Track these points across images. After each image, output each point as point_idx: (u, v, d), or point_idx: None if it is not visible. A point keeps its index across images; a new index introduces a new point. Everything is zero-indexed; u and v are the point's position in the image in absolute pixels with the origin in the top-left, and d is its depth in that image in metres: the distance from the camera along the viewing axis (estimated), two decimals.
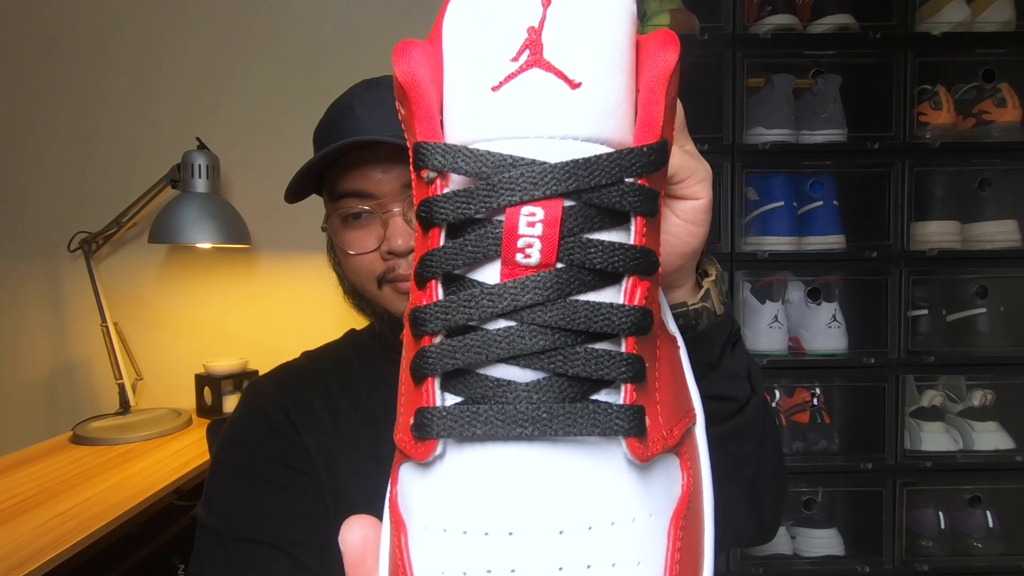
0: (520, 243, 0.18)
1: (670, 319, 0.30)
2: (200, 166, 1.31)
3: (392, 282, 0.58)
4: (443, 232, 0.20)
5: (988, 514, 1.26)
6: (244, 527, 0.53)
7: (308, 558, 0.52)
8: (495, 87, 0.19)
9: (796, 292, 1.31)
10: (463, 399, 0.19)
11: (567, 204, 0.18)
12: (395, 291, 0.58)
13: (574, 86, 0.19)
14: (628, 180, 0.19)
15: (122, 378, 1.35)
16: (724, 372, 0.45)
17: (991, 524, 1.25)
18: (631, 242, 0.19)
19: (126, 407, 1.36)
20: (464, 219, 0.19)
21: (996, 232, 1.26)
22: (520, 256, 0.18)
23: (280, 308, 1.49)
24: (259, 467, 0.56)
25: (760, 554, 1.28)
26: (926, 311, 1.30)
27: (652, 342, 0.21)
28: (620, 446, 0.18)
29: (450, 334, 0.19)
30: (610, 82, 0.19)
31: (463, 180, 0.19)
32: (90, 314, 1.41)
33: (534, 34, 0.19)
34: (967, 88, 1.29)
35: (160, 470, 1.06)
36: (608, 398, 0.19)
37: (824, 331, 1.27)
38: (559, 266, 0.19)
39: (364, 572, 0.21)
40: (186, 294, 1.50)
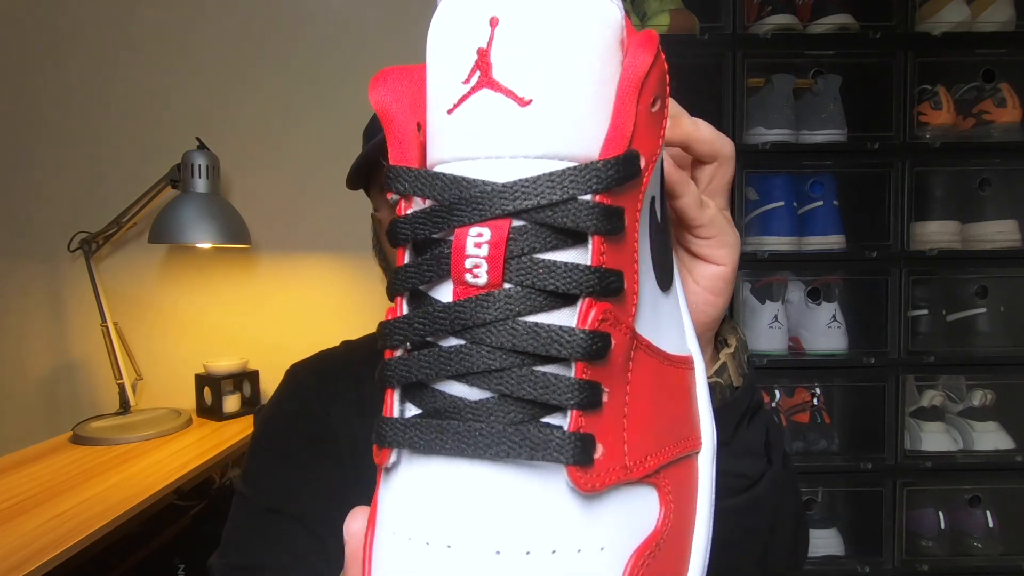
0: (467, 263, 0.18)
1: (691, 339, 0.27)
2: (200, 166, 1.31)
3: None
4: (408, 250, 0.21)
5: (988, 514, 1.25)
6: (272, 498, 0.56)
7: (327, 536, 0.53)
8: (450, 110, 0.19)
9: (796, 292, 1.31)
10: (422, 411, 0.19)
11: (516, 224, 0.18)
12: None
13: (524, 103, 0.18)
14: (583, 198, 0.18)
15: (122, 378, 1.35)
16: (736, 449, 0.41)
17: (991, 524, 1.25)
18: (587, 262, 0.19)
19: (126, 407, 1.36)
20: (423, 239, 0.20)
21: (996, 232, 1.26)
22: (469, 276, 0.18)
23: (280, 308, 1.49)
24: (288, 445, 0.59)
25: None
26: (926, 311, 1.30)
27: (618, 366, 0.19)
28: (562, 474, 0.18)
29: (412, 348, 0.20)
30: (568, 96, 0.19)
31: (427, 201, 0.20)
32: (90, 314, 1.41)
33: (483, 55, 0.19)
34: (967, 88, 1.29)
35: (160, 470, 1.06)
36: (559, 422, 0.18)
37: (824, 331, 1.26)
38: (507, 286, 0.18)
39: (361, 563, 0.22)
40: (186, 294, 1.50)
